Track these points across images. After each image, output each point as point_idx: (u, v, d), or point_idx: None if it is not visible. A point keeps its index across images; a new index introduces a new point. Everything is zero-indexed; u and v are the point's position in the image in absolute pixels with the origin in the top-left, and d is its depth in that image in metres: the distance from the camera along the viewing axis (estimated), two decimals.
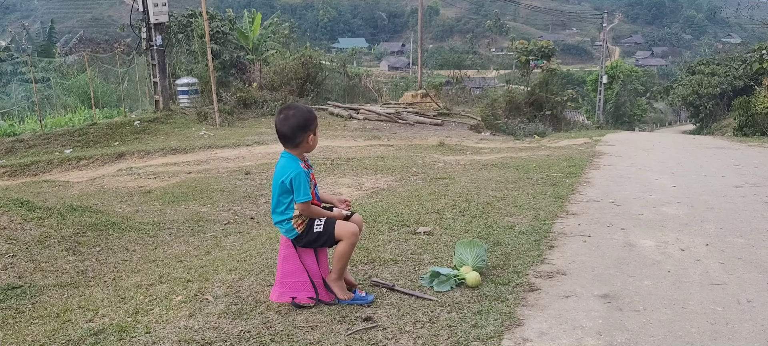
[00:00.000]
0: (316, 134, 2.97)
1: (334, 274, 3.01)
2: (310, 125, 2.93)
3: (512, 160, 8.64)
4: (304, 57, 21.50)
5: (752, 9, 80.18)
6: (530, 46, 21.64)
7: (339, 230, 2.96)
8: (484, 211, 4.88)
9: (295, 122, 2.89)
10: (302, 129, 2.90)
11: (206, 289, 3.25)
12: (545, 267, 3.52)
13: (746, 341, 2.60)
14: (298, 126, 2.89)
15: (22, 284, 3.87)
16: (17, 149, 13.29)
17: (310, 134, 2.93)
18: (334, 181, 7.33)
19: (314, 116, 2.98)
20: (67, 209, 5.46)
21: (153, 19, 16.06)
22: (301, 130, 2.90)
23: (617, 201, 5.32)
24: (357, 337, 2.63)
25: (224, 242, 4.79)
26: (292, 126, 2.90)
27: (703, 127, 30.24)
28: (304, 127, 2.90)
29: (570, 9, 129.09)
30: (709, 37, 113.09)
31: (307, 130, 2.91)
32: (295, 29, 41.49)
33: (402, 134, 14.99)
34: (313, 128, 2.95)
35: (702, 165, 8.05)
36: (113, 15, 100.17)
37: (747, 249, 3.86)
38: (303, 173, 2.89)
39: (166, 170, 9.22)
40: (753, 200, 5.48)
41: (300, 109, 2.98)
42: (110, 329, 2.81)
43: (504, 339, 2.60)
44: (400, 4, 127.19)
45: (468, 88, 28.66)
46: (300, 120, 2.90)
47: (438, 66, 55.11)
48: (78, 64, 22.92)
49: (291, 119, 2.90)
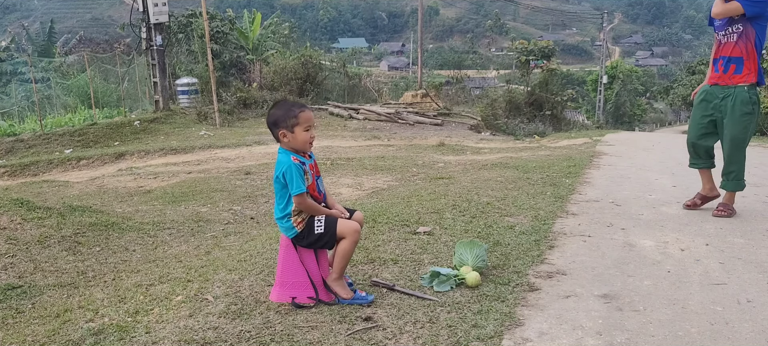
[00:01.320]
0: (294, 132, 2.91)
1: (335, 273, 3.01)
2: (279, 123, 2.92)
3: (512, 160, 8.64)
4: (304, 57, 21.51)
5: None
6: (530, 46, 21.65)
7: (341, 227, 2.96)
8: (484, 211, 4.88)
9: (269, 118, 2.98)
10: (272, 125, 2.95)
11: (206, 289, 3.25)
12: (545, 267, 3.52)
13: (746, 341, 2.60)
14: (269, 123, 2.98)
15: (22, 284, 3.87)
16: (17, 149, 13.30)
17: (283, 131, 2.91)
18: (334, 181, 7.33)
19: (292, 114, 2.91)
20: (67, 209, 5.46)
21: (153, 19, 16.06)
22: (272, 126, 2.96)
23: (617, 201, 5.32)
24: (357, 337, 2.63)
25: (224, 242, 4.79)
26: (267, 120, 3.00)
27: None
28: (273, 124, 2.94)
29: (570, 9, 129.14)
30: (710, 37, 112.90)
31: (277, 127, 2.93)
32: (295, 29, 41.51)
33: (402, 134, 14.99)
34: (287, 126, 2.91)
35: None
36: (113, 15, 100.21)
37: (747, 249, 3.86)
38: (294, 166, 2.88)
39: (166, 170, 9.23)
40: (753, 200, 5.48)
41: (276, 107, 3.00)
42: (110, 329, 2.81)
43: (504, 339, 2.60)
44: (400, 4, 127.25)
45: (468, 88, 28.67)
46: (270, 119, 2.97)
47: (438, 66, 55.15)
48: (78, 64, 22.94)
49: (268, 113, 3.01)
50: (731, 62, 4.50)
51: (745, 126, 4.51)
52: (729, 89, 4.51)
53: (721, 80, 4.56)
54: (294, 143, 2.94)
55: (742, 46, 4.44)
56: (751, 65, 4.45)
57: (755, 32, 4.41)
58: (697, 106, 4.76)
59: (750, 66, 4.45)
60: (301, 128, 2.93)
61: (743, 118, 4.49)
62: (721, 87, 4.57)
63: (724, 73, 4.54)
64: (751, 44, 4.42)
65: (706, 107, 4.67)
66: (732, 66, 4.50)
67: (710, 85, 4.66)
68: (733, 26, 4.47)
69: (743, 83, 4.47)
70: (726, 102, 4.52)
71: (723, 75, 4.55)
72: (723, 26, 4.53)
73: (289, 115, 2.92)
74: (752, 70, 4.47)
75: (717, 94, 4.59)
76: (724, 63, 4.53)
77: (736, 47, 4.47)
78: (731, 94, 4.50)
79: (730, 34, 4.50)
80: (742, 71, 4.47)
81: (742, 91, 4.47)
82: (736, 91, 4.48)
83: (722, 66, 4.54)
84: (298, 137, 2.93)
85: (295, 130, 2.92)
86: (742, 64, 4.46)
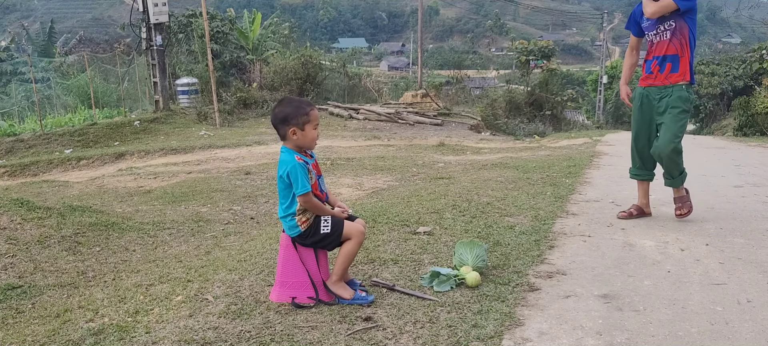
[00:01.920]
0: (304, 129, 2.90)
1: (336, 276, 3.00)
2: (289, 119, 2.89)
3: (512, 160, 8.64)
4: (304, 57, 21.50)
5: (752, 9, 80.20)
6: (530, 46, 21.66)
7: (348, 229, 2.96)
8: (484, 211, 4.88)
9: (278, 112, 2.93)
10: (282, 122, 2.91)
11: (206, 289, 3.25)
12: (545, 267, 3.52)
13: (746, 341, 2.60)
14: (278, 118, 2.92)
15: (22, 284, 3.87)
16: (17, 149, 13.31)
17: (293, 128, 2.89)
18: (334, 181, 7.33)
19: (303, 112, 2.90)
20: (67, 209, 5.46)
21: (153, 19, 16.07)
22: (281, 122, 2.91)
23: (617, 201, 5.32)
24: (357, 337, 2.63)
25: (224, 242, 4.79)
26: (275, 116, 2.94)
27: (703, 127, 30.23)
28: (283, 120, 2.90)
29: (570, 9, 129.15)
30: (709, 37, 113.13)
31: (287, 124, 2.89)
32: (295, 29, 41.45)
33: (402, 134, 14.99)
34: (297, 123, 2.89)
35: (702, 165, 8.05)
36: (113, 15, 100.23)
37: (747, 249, 3.86)
38: (298, 166, 2.88)
39: (166, 170, 9.22)
40: (753, 199, 5.48)
41: (286, 103, 2.97)
42: (110, 329, 2.81)
43: (504, 339, 2.60)
44: (400, 4, 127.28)
45: (468, 88, 28.66)
46: (280, 114, 2.92)
47: (438, 66, 55.12)
48: (78, 64, 22.95)
49: (276, 110, 2.96)
50: (667, 61, 4.32)
51: (683, 125, 4.34)
52: (667, 89, 4.34)
53: (658, 81, 4.37)
54: (302, 141, 2.94)
55: (676, 43, 4.27)
56: (687, 62, 4.29)
57: (688, 27, 4.27)
58: (638, 112, 4.53)
59: (685, 63, 4.29)
60: (311, 126, 2.93)
61: (682, 116, 4.32)
62: (657, 88, 4.38)
63: (660, 73, 4.35)
64: (686, 40, 4.27)
65: (648, 111, 4.47)
66: (668, 65, 4.32)
67: (645, 88, 4.46)
68: (664, 23, 4.30)
69: (681, 82, 4.30)
70: (663, 103, 4.35)
71: (659, 75, 4.36)
72: (653, 25, 4.35)
73: (300, 113, 2.90)
74: (688, 67, 4.30)
75: (654, 95, 4.41)
76: (659, 62, 4.34)
77: (670, 45, 4.29)
78: (669, 93, 4.33)
79: (663, 32, 4.32)
80: (678, 69, 4.30)
81: (681, 90, 4.30)
82: (674, 91, 4.31)
83: (657, 66, 4.36)
84: (307, 135, 2.93)
85: (305, 128, 2.92)
86: (678, 62, 4.29)
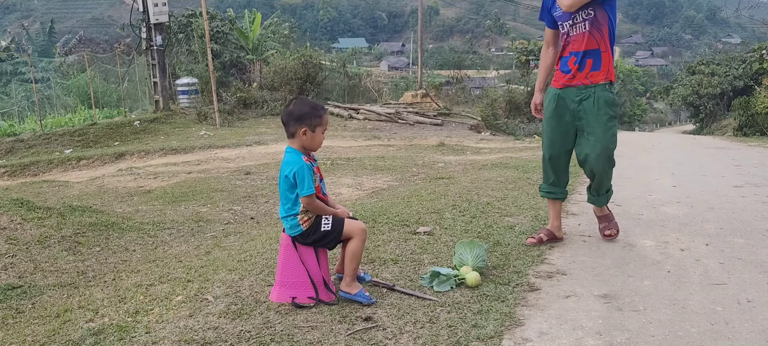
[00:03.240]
0: (315, 132, 2.93)
1: (349, 277, 3.00)
2: (303, 119, 2.91)
3: (512, 160, 8.64)
4: (304, 57, 21.48)
5: (752, 9, 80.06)
6: (530, 46, 21.63)
7: (348, 227, 2.97)
8: (484, 211, 4.89)
9: (293, 109, 2.93)
10: (296, 120, 2.91)
11: (206, 289, 3.25)
12: (545, 267, 3.52)
13: (746, 341, 2.60)
14: (292, 116, 2.92)
15: (22, 284, 3.87)
16: (17, 149, 13.30)
17: (304, 128, 2.90)
18: (334, 181, 7.33)
19: (317, 114, 2.93)
20: (67, 209, 5.46)
21: (153, 19, 16.06)
22: (294, 120, 2.92)
23: (617, 201, 5.32)
24: (357, 337, 2.63)
25: (224, 242, 4.79)
26: (289, 113, 2.94)
27: (703, 127, 30.22)
28: (298, 118, 2.91)
29: None
30: (709, 37, 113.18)
31: (300, 123, 2.90)
32: (295, 29, 41.49)
33: (402, 134, 14.99)
34: (310, 124, 2.91)
35: (702, 165, 8.05)
36: (113, 15, 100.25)
37: (747, 249, 3.86)
38: (305, 167, 2.89)
39: (166, 170, 9.22)
40: (753, 200, 5.48)
41: (302, 102, 2.98)
42: (110, 329, 2.81)
43: (504, 339, 2.60)
44: (400, 4, 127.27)
45: (468, 88, 28.62)
46: (296, 111, 2.92)
47: (438, 66, 55.07)
48: (78, 64, 22.96)
49: (291, 106, 2.96)
50: (587, 57, 3.71)
51: (614, 133, 3.81)
52: (588, 89, 3.73)
53: (576, 80, 3.75)
54: (310, 143, 2.95)
55: (597, 35, 3.67)
56: (608, 58, 3.72)
57: (608, 16, 3.68)
58: (552, 117, 3.90)
59: (607, 59, 3.72)
60: (321, 130, 2.97)
61: (611, 123, 3.76)
62: (576, 89, 3.76)
63: (580, 72, 3.73)
64: (606, 31, 3.69)
65: (564, 115, 3.85)
66: (588, 61, 3.71)
67: (561, 88, 3.83)
68: (580, 13, 3.66)
69: (604, 81, 3.72)
70: (585, 106, 3.75)
71: (578, 74, 3.73)
72: (568, 15, 3.71)
73: (315, 115, 2.93)
74: (610, 64, 3.74)
75: (572, 97, 3.79)
76: (579, 59, 3.71)
77: (590, 38, 3.68)
78: (591, 95, 3.73)
79: (579, 24, 3.69)
80: (600, 67, 3.70)
81: (604, 91, 3.72)
82: (596, 92, 3.72)
83: (576, 64, 3.73)
84: (316, 138, 2.96)
85: (316, 131, 2.94)
86: (599, 57, 3.70)
